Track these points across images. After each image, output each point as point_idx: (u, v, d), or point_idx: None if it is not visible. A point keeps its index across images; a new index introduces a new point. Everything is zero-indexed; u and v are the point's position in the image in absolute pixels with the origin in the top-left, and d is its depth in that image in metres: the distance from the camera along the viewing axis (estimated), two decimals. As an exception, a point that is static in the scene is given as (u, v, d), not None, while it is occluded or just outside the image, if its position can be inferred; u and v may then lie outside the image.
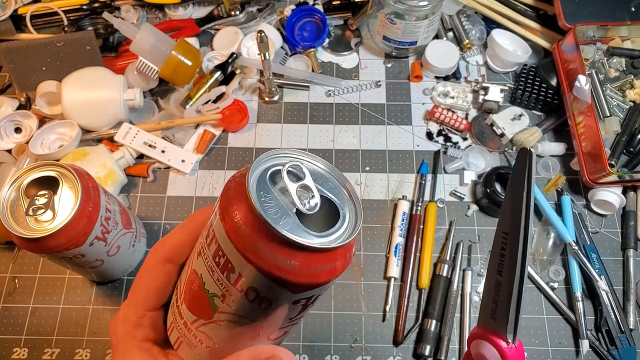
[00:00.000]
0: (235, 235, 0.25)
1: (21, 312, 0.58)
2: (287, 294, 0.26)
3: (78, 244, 0.46)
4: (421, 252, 0.60)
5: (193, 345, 0.31)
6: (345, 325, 0.57)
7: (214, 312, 0.28)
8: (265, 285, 0.26)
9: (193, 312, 0.30)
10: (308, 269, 0.25)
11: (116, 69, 0.68)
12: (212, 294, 0.28)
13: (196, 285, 0.29)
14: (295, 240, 0.24)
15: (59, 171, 0.47)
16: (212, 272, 0.27)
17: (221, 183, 0.65)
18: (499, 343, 0.28)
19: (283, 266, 0.24)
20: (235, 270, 0.26)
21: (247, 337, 0.30)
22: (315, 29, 0.74)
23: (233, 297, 0.27)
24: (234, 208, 0.25)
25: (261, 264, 0.24)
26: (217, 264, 0.26)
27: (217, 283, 0.27)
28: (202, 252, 0.28)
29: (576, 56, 0.62)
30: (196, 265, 0.29)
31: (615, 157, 0.60)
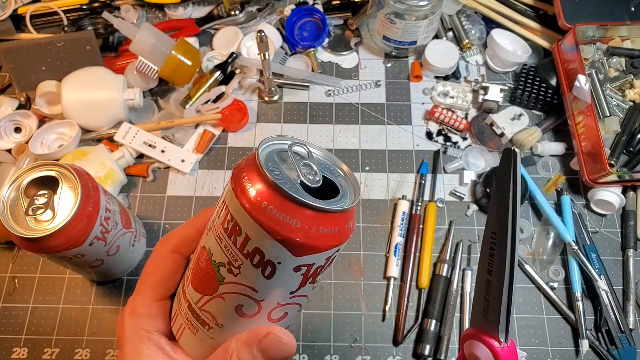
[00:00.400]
0: (243, 196, 0.27)
1: (21, 312, 0.58)
2: (289, 256, 0.27)
3: (78, 244, 0.46)
4: (421, 252, 0.60)
5: (195, 329, 0.31)
6: (345, 325, 0.57)
7: (220, 284, 0.29)
8: (269, 245, 0.27)
9: (199, 290, 0.30)
10: (309, 230, 0.26)
11: (116, 69, 0.68)
12: (218, 264, 0.29)
13: (204, 259, 0.30)
14: (297, 197, 0.26)
15: (59, 171, 0.47)
16: (220, 240, 0.29)
17: (221, 183, 0.65)
18: (491, 343, 0.28)
19: (286, 224, 0.26)
20: (242, 232, 0.27)
21: (248, 313, 0.30)
22: (315, 29, 0.74)
23: (238, 263, 0.28)
24: (244, 175, 0.27)
25: (266, 221, 0.26)
26: (226, 229, 0.28)
27: (224, 251, 0.28)
28: (212, 226, 0.30)
29: (576, 56, 0.62)
30: (205, 241, 0.30)
31: (615, 157, 0.60)
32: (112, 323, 0.57)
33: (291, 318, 0.32)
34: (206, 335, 0.31)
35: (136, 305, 0.33)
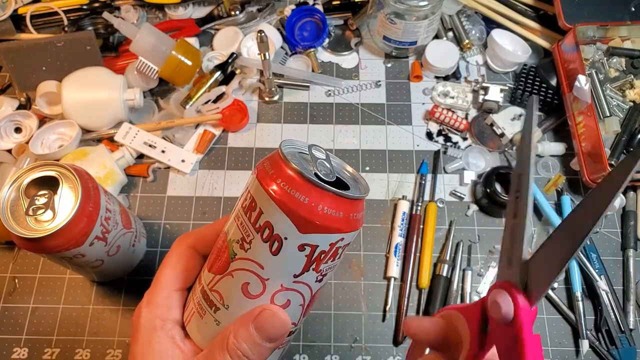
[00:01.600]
0: (261, 175, 0.31)
1: (21, 312, 0.58)
2: (295, 232, 0.30)
3: (78, 244, 0.46)
4: (421, 252, 0.60)
5: (203, 312, 0.33)
6: (345, 325, 0.57)
7: (232, 261, 0.32)
8: (278, 217, 0.30)
9: (212, 270, 0.33)
10: (315, 207, 0.29)
11: (116, 69, 0.68)
12: (232, 241, 0.32)
13: (221, 241, 0.33)
14: (307, 175, 0.29)
15: (59, 171, 0.47)
16: (237, 218, 0.32)
17: (221, 183, 0.65)
18: (516, 295, 0.27)
19: (295, 198, 0.29)
20: (257, 207, 0.30)
21: (253, 293, 0.32)
22: (315, 29, 0.74)
23: (250, 238, 0.31)
24: (266, 162, 0.32)
25: (277, 195, 0.29)
26: (244, 207, 0.32)
27: (239, 227, 0.32)
28: (233, 211, 0.33)
29: (576, 56, 0.62)
30: (226, 227, 0.33)
31: (615, 157, 0.60)
32: (112, 323, 0.57)
33: (294, 310, 0.33)
34: (212, 317, 0.33)
35: (153, 295, 0.34)
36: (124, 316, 0.57)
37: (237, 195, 0.64)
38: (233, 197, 0.64)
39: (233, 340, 0.31)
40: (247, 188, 0.32)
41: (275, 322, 0.31)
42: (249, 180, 0.33)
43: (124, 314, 0.58)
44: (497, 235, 0.61)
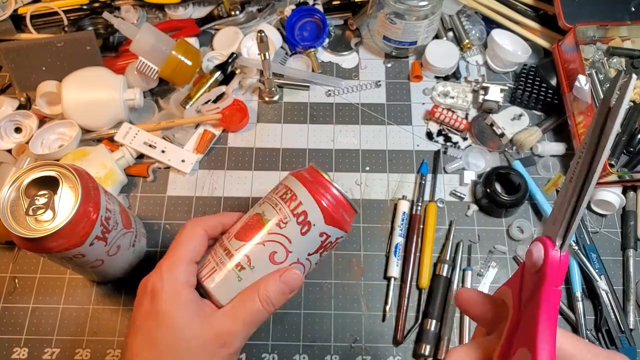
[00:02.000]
0: (304, 181, 0.44)
1: (21, 312, 0.58)
2: (322, 222, 0.43)
3: (78, 244, 0.46)
4: (421, 252, 0.60)
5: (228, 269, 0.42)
6: (345, 325, 0.57)
7: (264, 228, 0.43)
8: (313, 210, 0.43)
9: (244, 239, 0.43)
10: (338, 209, 0.44)
11: (116, 69, 0.68)
12: (268, 220, 0.43)
13: (255, 220, 0.44)
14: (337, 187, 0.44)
15: (59, 171, 0.47)
16: (275, 205, 0.44)
17: (221, 183, 0.65)
18: (547, 243, 0.29)
19: (327, 199, 0.44)
20: (297, 199, 0.43)
21: (277, 260, 0.43)
22: (315, 29, 0.74)
23: (286, 220, 0.43)
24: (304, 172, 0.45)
25: (316, 195, 0.43)
26: (283, 198, 0.44)
27: (277, 211, 0.43)
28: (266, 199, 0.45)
29: (576, 56, 0.62)
30: (257, 210, 0.45)
31: (615, 157, 0.60)
32: (113, 323, 0.57)
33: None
34: (235, 275, 0.42)
35: (175, 263, 0.41)
36: (124, 316, 0.57)
37: (237, 195, 0.64)
38: (233, 197, 0.64)
39: (264, 290, 0.41)
40: (285, 185, 0.45)
41: (296, 277, 0.42)
42: (287, 180, 0.45)
43: (124, 314, 0.58)
44: (497, 235, 0.61)
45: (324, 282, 0.59)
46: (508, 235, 0.61)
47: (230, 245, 0.43)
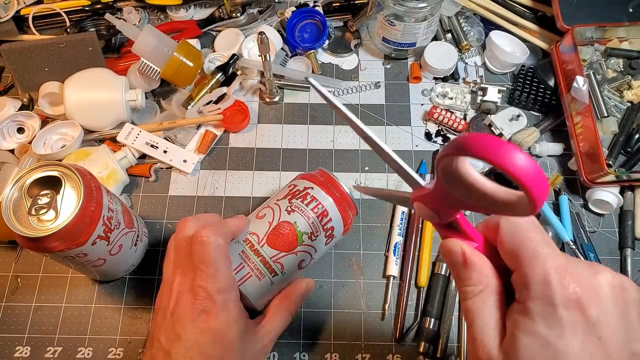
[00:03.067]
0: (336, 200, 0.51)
1: (24, 311, 0.58)
2: (341, 234, 0.52)
3: (80, 243, 0.47)
4: (420, 251, 0.60)
5: (262, 275, 0.47)
6: (345, 324, 0.57)
7: (299, 245, 0.49)
8: (339, 226, 0.51)
9: (277, 248, 0.48)
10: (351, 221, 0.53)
11: (118, 70, 0.68)
12: (303, 232, 0.49)
13: (288, 229, 0.48)
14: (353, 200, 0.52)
15: (61, 171, 0.47)
16: (308, 218, 0.49)
17: (222, 183, 0.65)
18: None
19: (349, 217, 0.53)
20: (329, 216, 0.50)
21: (303, 265, 0.50)
22: (316, 31, 0.74)
23: (317, 233, 0.50)
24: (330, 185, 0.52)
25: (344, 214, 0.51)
26: (316, 213, 0.50)
27: (310, 225, 0.49)
28: (297, 209, 0.49)
29: (574, 57, 0.63)
30: (288, 218, 0.49)
31: (613, 157, 0.60)
32: (114, 322, 0.58)
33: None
34: (269, 280, 0.48)
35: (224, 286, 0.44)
36: (126, 315, 0.58)
37: (238, 195, 0.64)
38: (234, 197, 0.64)
39: (293, 302, 0.50)
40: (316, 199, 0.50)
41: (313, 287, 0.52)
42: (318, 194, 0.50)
43: (125, 312, 0.58)
44: (496, 234, 0.61)
45: (324, 281, 0.59)
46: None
47: (264, 253, 0.48)
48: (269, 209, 0.51)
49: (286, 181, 0.65)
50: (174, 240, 0.48)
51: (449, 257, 0.32)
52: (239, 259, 0.47)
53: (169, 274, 0.47)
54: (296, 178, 0.55)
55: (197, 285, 0.43)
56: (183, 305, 0.43)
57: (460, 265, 0.31)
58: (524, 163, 0.22)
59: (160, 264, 0.60)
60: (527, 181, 0.23)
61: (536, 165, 0.23)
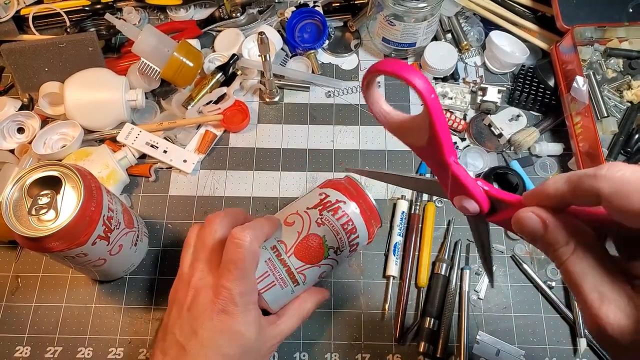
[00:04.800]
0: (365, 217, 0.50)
1: (24, 311, 0.58)
2: (364, 245, 0.52)
3: (80, 243, 0.47)
4: (420, 251, 0.60)
5: (285, 285, 0.48)
6: (344, 323, 0.58)
7: (324, 258, 0.49)
8: (365, 240, 0.52)
9: (303, 260, 0.48)
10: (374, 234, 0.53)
11: (118, 70, 0.68)
12: (329, 247, 0.49)
13: (316, 242, 0.48)
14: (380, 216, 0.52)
15: (61, 171, 0.47)
16: (337, 234, 0.49)
17: (222, 183, 0.65)
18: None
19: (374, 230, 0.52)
20: (357, 232, 0.50)
21: (323, 276, 0.51)
22: (316, 31, 0.74)
23: (343, 248, 0.50)
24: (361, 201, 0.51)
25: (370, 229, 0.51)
26: (345, 229, 0.49)
27: (337, 240, 0.49)
28: (326, 223, 0.49)
29: (574, 57, 0.63)
30: (317, 231, 0.49)
31: (613, 157, 0.60)
32: (115, 321, 0.58)
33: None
34: (291, 289, 0.48)
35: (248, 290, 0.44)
36: (126, 315, 0.58)
37: (238, 195, 0.64)
38: (234, 197, 0.64)
39: (307, 310, 0.50)
40: (347, 215, 0.49)
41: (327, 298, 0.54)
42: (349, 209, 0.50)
43: (126, 312, 0.58)
44: (495, 234, 0.62)
45: (324, 281, 0.59)
46: (506, 234, 0.62)
47: (290, 263, 0.48)
48: (298, 217, 0.50)
49: (286, 181, 0.65)
50: (199, 233, 0.48)
51: (526, 229, 0.29)
52: (265, 267, 0.47)
53: (186, 266, 0.47)
54: (326, 185, 0.53)
55: (222, 285, 0.43)
56: (202, 303, 0.43)
57: (541, 230, 0.28)
58: (420, 78, 0.30)
59: (161, 264, 0.60)
60: (422, 90, 0.30)
61: (429, 83, 0.30)
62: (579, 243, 0.27)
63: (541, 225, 0.28)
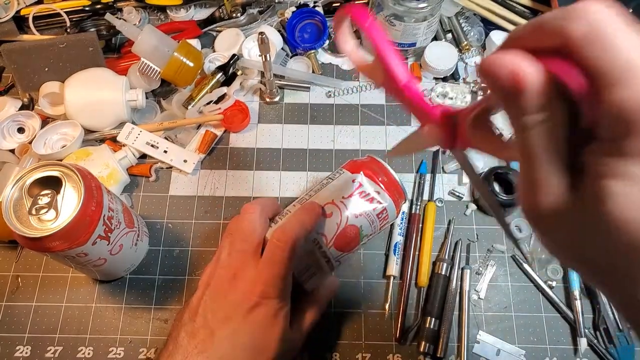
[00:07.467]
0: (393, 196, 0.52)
1: (24, 311, 0.58)
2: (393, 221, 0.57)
3: (81, 243, 0.47)
4: (420, 250, 0.60)
5: (324, 273, 0.50)
6: (345, 323, 0.58)
7: (359, 245, 0.51)
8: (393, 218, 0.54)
9: (341, 249, 0.50)
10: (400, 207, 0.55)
11: (118, 70, 0.68)
12: (364, 235, 0.51)
13: (353, 232, 0.50)
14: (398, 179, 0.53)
15: (62, 171, 0.47)
16: (372, 222, 0.51)
17: (223, 182, 0.65)
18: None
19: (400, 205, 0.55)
20: (389, 218, 0.53)
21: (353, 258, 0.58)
22: (316, 31, 0.74)
23: (376, 233, 0.52)
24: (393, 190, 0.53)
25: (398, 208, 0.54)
26: (379, 218, 0.51)
27: (372, 227, 0.51)
28: (364, 213, 0.50)
29: (574, 57, 0.63)
30: (355, 222, 0.50)
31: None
32: (115, 321, 0.58)
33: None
34: (328, 274, 0.51)
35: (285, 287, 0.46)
36: (127, 314, 0.58)
37: (239, 195, 0.64)
38: (235, 197, 0.64)
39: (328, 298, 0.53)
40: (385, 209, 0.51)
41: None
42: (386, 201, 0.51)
43: (126, 312, 0.58)
44: (496, 234, 0.62)
45: (324, 281, 0.59)
46: (506, 234, 0.62)
47: (330, 254, 0.50)
48: (335, 207, 0.50)
49: (286, 181, 0.65)
50: (238, 224, 0.48)
51: (494, 80, 0.23)
52: (307, 259, 0.49)
53: (225, 254, 0.47)
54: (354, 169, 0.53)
55: (261, 281, 0.44)
56: (239, 293, 0.45)
57: (512, 88, 0.22)
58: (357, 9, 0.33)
59: (161, 264, 0.60)
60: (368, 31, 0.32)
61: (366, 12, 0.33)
62: (552, 115, 0.22)
63: (513, 80, 0.22)
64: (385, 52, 0.31)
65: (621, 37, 0.20)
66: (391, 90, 0.33)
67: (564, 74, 0.21)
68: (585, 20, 0.20)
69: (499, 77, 0.22)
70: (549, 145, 0.23)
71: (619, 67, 0.20)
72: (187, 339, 0.44)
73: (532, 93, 0.22)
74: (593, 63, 0.20)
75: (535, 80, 0.22)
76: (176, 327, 0.46)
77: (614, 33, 0.20)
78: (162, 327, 0.57)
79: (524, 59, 0.22)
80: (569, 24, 0.21)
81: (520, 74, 0.22)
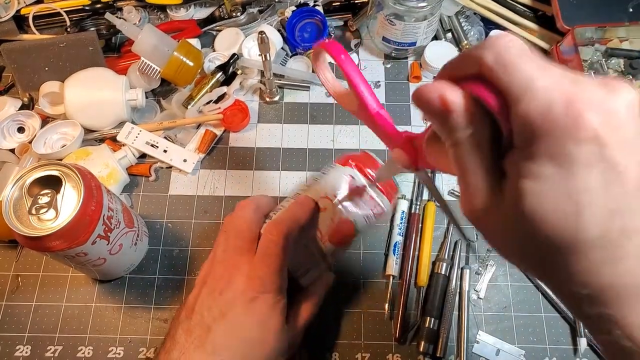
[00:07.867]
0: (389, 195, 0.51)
1: (24, 310, 0.58)
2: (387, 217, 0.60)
3: (81, 243, 0.47)
4: (420, 250, 0.60)
5: (320, 267, 0.50)
6: (344, 323, 0.58)
7: (353, 239, 0.51)
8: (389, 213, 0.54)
9: (336, 244, 0.50)
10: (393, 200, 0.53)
11: (118, 70, 0.68)
12: (359, 230, 0.50)
13: (347, 227, 0.49)
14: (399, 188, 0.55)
15: (61, 170, 0.47)
16: (368, 218, 0.50)
17: (222, 182, 0.65)
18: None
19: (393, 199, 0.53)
20: (384, 213, 0.51)
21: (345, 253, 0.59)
22: (316, 30, 0.74)
23: (370, 227, 0.51)
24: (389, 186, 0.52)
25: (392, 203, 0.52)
26: (374, 212, 0.50)
27: (367, 221, 0.50)
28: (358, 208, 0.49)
29: (574, 57, 0.63)
30: (350, 217, 0.49)
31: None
32: (115, 320, 0.58)
33: None
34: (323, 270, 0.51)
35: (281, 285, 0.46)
36: (126, 314, 0.58)
37: (238, 194, 0.64)
38: (234, 196, 0.64)
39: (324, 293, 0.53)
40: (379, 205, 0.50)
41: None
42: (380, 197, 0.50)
43: (126, 312, 0.58)
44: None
45: (324, 281, 0.59)
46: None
47: (325, 249, 0.50)
48: (328, 202, 0.49)
49: (286, 181, 0.65)
50: (233, 221, 0.48)
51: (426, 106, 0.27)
52: (301, 255, 0.49)
53: (220, 251, 0.48)
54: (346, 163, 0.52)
55: (256, 275, 0.44)
56: (234, 289, 0.45)
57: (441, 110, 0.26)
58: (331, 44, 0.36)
59: (161, 264, 0.60)
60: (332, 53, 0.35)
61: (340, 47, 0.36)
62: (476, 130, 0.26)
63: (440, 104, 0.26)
64: (358, 84, 0.35)
65: (522, 61, 0.24)
66: (363, 117, 0.37)
67: (482, 95, 0.25)
68: (494, 49, 0.25)
69: (430, 102, 0.26)
70: (476, 155, 0.26)
71: (522, 86, 0.24)
72: (184, 336, 0.44)
73: (457, 112, 0.26)
74: (502, 83, 0.24)
75: (458, 101, 0.26)
76: (174, 325, 0.46)
77: (516, 58, 0.24)
78: (162, 326, 0.58)
79: (447, 86, 0.26)
80: (482, 54, 0.25)
81: (447, 97, 0.26)
